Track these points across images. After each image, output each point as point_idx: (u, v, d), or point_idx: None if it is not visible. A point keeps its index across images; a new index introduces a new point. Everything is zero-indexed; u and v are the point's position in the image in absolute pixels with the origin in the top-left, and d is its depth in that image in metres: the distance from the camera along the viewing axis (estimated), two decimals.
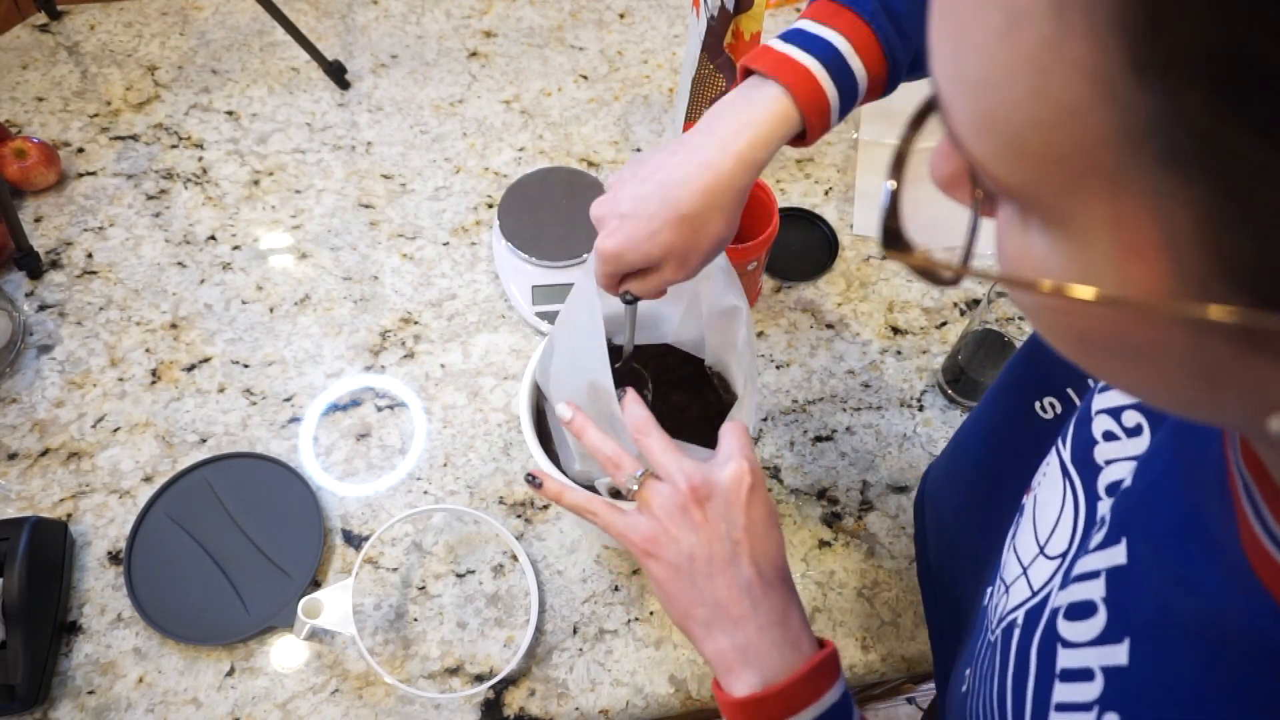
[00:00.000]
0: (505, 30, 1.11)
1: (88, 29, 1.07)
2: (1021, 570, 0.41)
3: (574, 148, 1.00)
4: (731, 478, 0.45)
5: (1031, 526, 0.42)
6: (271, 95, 1.03)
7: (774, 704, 0.41)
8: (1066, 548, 0.38)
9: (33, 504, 0.74)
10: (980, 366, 0.80)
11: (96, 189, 0.93)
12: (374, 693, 0.67)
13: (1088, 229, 0.19)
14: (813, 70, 0.48)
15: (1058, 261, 0.21)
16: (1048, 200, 0.20)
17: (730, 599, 0.43)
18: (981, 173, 0.21)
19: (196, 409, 0.80)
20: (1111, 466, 0.38)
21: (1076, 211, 0.19)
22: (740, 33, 0.82)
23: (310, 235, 0.92)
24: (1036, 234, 0.21)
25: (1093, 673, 0.32)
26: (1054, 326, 0.23)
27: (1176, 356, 0.21)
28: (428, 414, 0.81)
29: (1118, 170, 0.18)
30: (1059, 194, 0.19)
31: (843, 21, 0.48)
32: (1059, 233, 0.20)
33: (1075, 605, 0.34)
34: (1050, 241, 0.21)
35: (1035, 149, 0.19)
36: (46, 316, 0.84)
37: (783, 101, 0.48)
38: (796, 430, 0.82)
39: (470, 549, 0.74)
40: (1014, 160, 0.20)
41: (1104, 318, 0.21)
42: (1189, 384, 0.22)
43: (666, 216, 0.48)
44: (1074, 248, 0.20)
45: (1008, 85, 0.18)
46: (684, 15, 1.15)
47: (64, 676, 0.66)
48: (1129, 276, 0.19)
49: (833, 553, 0.75)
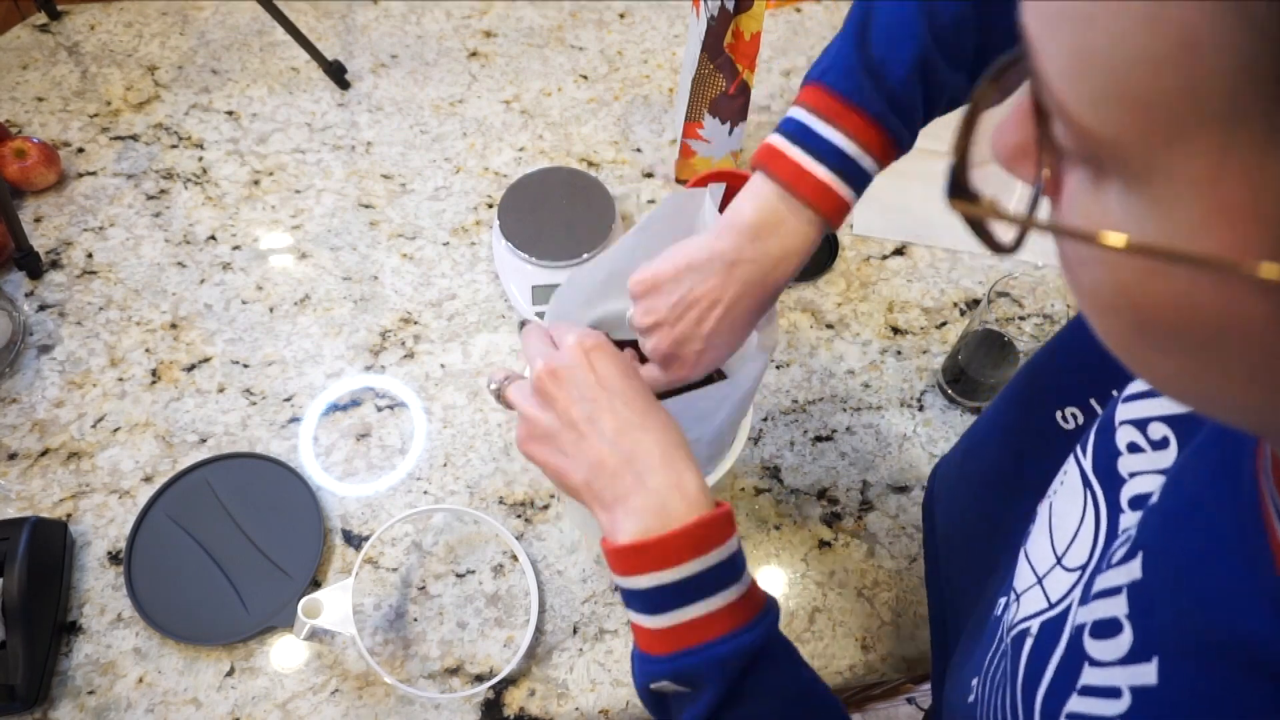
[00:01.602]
0: (505, 30, 1.11)
1: (88, 29, 1.07)
2: (1036, 580, 0.40)
3: (574, 148, 1.00)
4: (569, 349, 0.46)
5: (1048, 536, 0.41)
6: (271, 95, 1.03)
7: (654, 552, 0.41)
8: (1086, 560, 0.37)
9: (33, 504, 0.74)
10: (980, 366, 0.80)
11: (96, 189, 0.93)
12: (374, 693, 0.67)
13: (1177, 188, 0.18)
14: (831, 185, 0.49)
15: (1137, 225, 0.19)
16: (1138, 153, 0.19)
17: (598, 454, 0.43)
18: (1068, 124, 0.20)
19: (196, 409, 0.80)
20: (1136, 479, 0.37)
21: (1169, 166, 0.18)
22: (740, 33, 0.82)
23: (310, 235, 0.92)
24: (1114, 197, 0.20)
25: (1120, 691, 0.31)
26: (1114, 305, 0.22)
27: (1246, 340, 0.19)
28: (428, 414, 0.81)
29: (1231, 116, 0.16)
30: (1154, 145, 0.18)
31: (850, 122, 0.49)
32: (1141, 194, 0.19)
33: (1100, 623, 0.33)
34: (1128, 204, 0.20)
35: (1139, 90, 0.18)
36: (46, 316, 0.84)
37: (813, 222, 0.50)
38: (796, 430, 0.82)
39: (470, 549, 0.74)
40: (1111, 105, 0.18)
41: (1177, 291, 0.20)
42: (1250, 377, 0.21)
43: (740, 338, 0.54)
44: (1157, 211, 0.19)
45: (1119, 14, 0.17)
46: (684, 15, 1.15)
47: (64, 676, 0.66)
48: (1216, 241, 0.18)
49: (833, 553, 0.75)
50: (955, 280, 0.93)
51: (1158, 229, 0.19)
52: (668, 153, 1.00)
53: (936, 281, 0.93)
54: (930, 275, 0.93)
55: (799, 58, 1.12)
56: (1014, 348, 0.77)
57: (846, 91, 0.49)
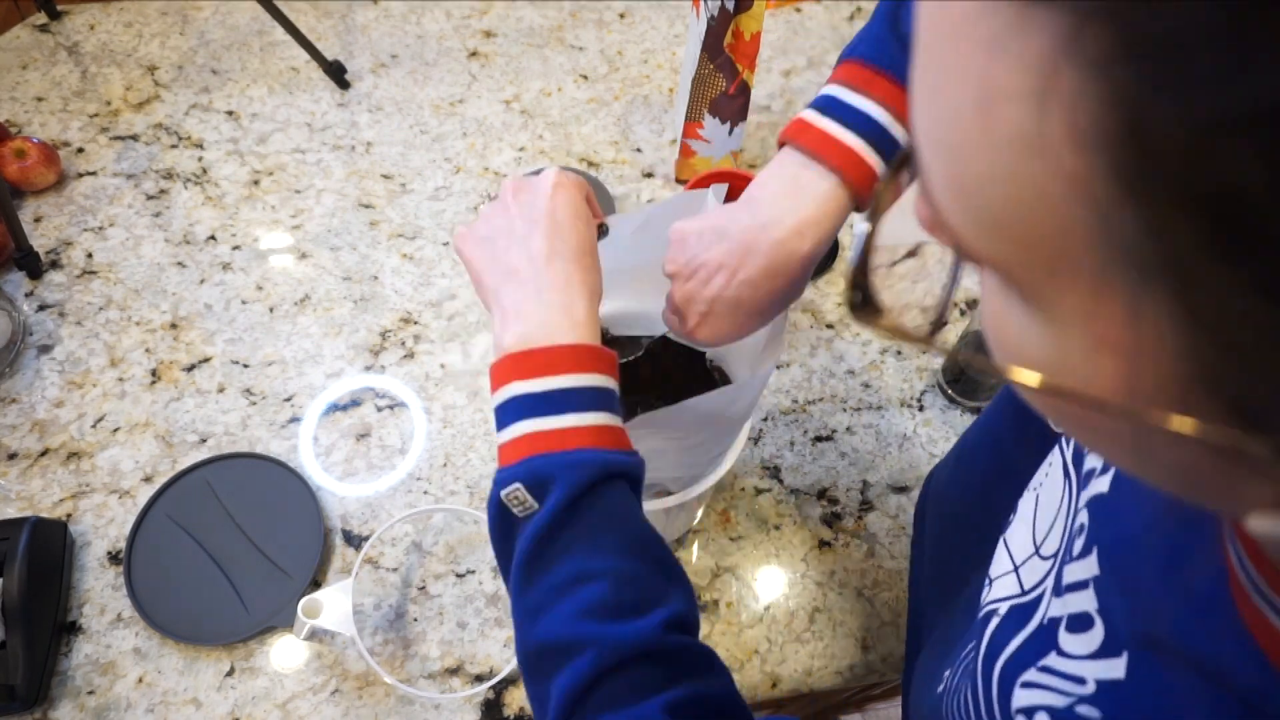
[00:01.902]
0: (505, 30, 1.11)
1: (88, 29, 1.07)
2: (1012, 567, 0.41)
3: (574, 148, 1.00)
4: (543, 177, 0.48)
5: (1030, 526, 0.42)
6: (271, 95, 1.02)
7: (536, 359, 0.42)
8: (1058, 548, 0.38)
9: (33, 504, 0.74)
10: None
11: (96, 189, 0.93)
12: (374, 693, 0.67)
13: (1062, 315, 0.18)
14: (858, 150, 0.48)
15: (1034, 337, 0.20)
16: (1025, 280, 0.19)
17: (519, 264, 0.45)
18: (957, 240, 0.20)
19: (196, 409, 0.80)
20: (1089, 456, 0.38)
21: (1051, 296, 0.18)
22: (740, 33, 0.82)
23: (310, 235, 0.92)
24: (1016, 306, 0.20)
25: (1085, 680, 0.31)
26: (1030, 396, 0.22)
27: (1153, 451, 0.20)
28: (428, 414, 0.81)
29: (1093, 270, 0.17)
30: (1034, 275, 0.18)
31: (878, 88, 0.48)
32: (1036, 311, 0.19)
33: (1075, 617, 0.33)
34: (1028, 317, 0.20)
35: (1010, 227, 0.18)
36: (46, 316, 0.84)
37: (838, 192, 0.48)
38: (796, 430, 0.82)
39: (470, 549, 0.74)
40: (989, 233, 0.18)
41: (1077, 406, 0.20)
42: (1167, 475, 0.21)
43: (748, 312, 0.51)
44: (1050, 330, 0.19)
45: (984, 158, 0.17)
46: (684, 15, 1.15)
47: (64, 676, 0.66)
48: (1102, 370, 0.18)
49: (833, 553, 0.75)
50: None
51: (1054, 346, 0.19)
52: (668, 153, 1.00)
53: None
54: None
55: (799, 58, 1.12)
56: None
57: (877, 59, 0.48)
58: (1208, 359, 0.16)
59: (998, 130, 0.16)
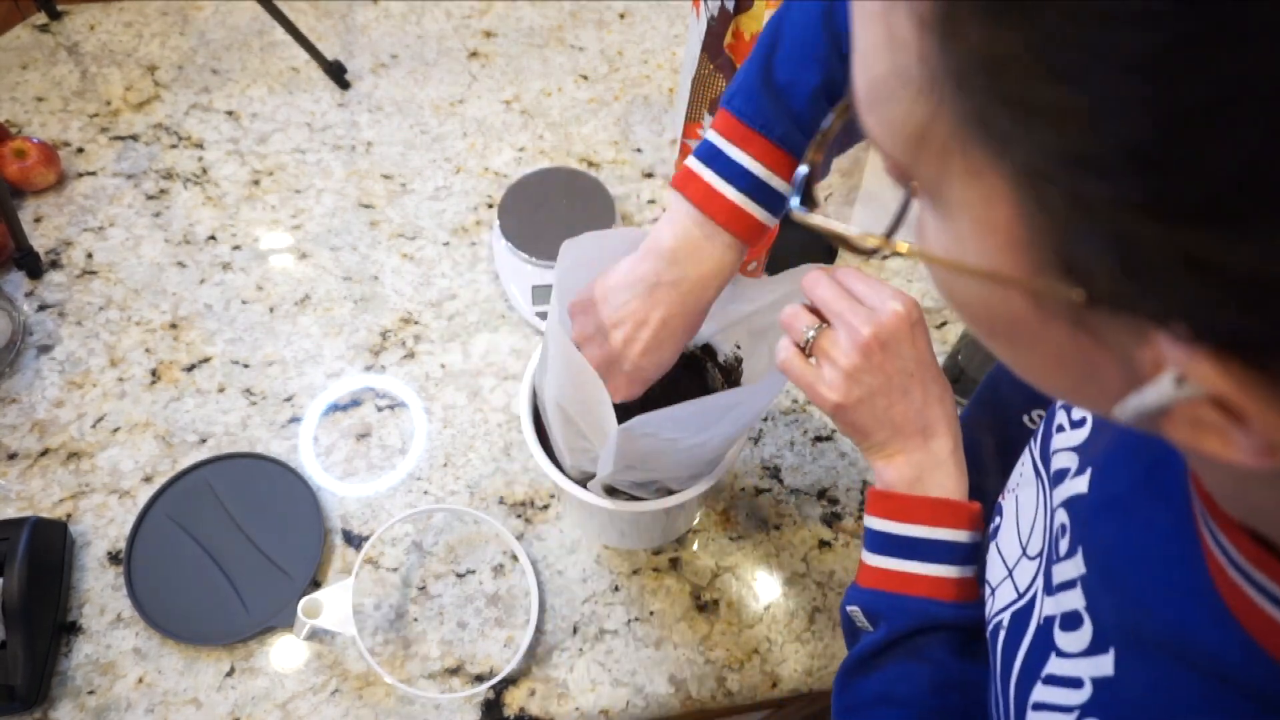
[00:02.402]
0: (505, 30, 1.11)
1: (88, 29, 1.07)
2: (1007, 572, 0.42)
3: (574, 148, 1.00)
4: (896, 318, 0.48)
5: (1014, 526, 0.43)
6: (271, 95, 1.02)
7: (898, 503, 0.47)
8: (1042, 546, 0.39)
9: (33, 504, 0.74)
10: (980, 367, 0.80)
11: (96, 189, 0.93)
12: (374, 693, 0.67)
13: (951, 207, 0.21)
14: (740, 205, 0.51)
15: (937, 238, 0.23)
16: (920, 175, 0.22)
17: (908, 419, 0.47)
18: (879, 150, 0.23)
19: (196, 409, 0.80)
20: (1057, 456, 0.40)
21: (941, 189, 0.21)
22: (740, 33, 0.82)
23: (310, 235, 0.92)
24: (927, 211, 0.23)
25: (1081, 681, 0.32)
26: (953, 304, 0.25)
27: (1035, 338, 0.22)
28: (428, 414, 0.81)
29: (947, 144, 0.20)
30: (923, 169, 0.21)
31: (754, 147, 0.51)
32: (936, 210, 0.22)
33: (1068, 615, 0.34)
34: (932, 217, 0.23)
35: (894, 121, 0.21)
36: (46, 316, 0.84)
37: (730, 245, 0.52)
38: (796, 430, 0.82)
39: (470, 549, 0.74)
40: (890, 135, 0.22)
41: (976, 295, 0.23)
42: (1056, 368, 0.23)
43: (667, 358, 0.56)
44: (944, 224, 0.22)
45: (878, 60, 0.21)
46: (684, 15, 1.15)
47: (64, 676, 0.66)
48: (982, 252, 0.21)
49: (833, 553, 0.75)
50: None
51: (947, 241, 0.22)
52: (668, 153, 1.00)
53: None
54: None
55: None
56: None
57: (749, 116, 0.51)
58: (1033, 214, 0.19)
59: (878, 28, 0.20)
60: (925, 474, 0.47)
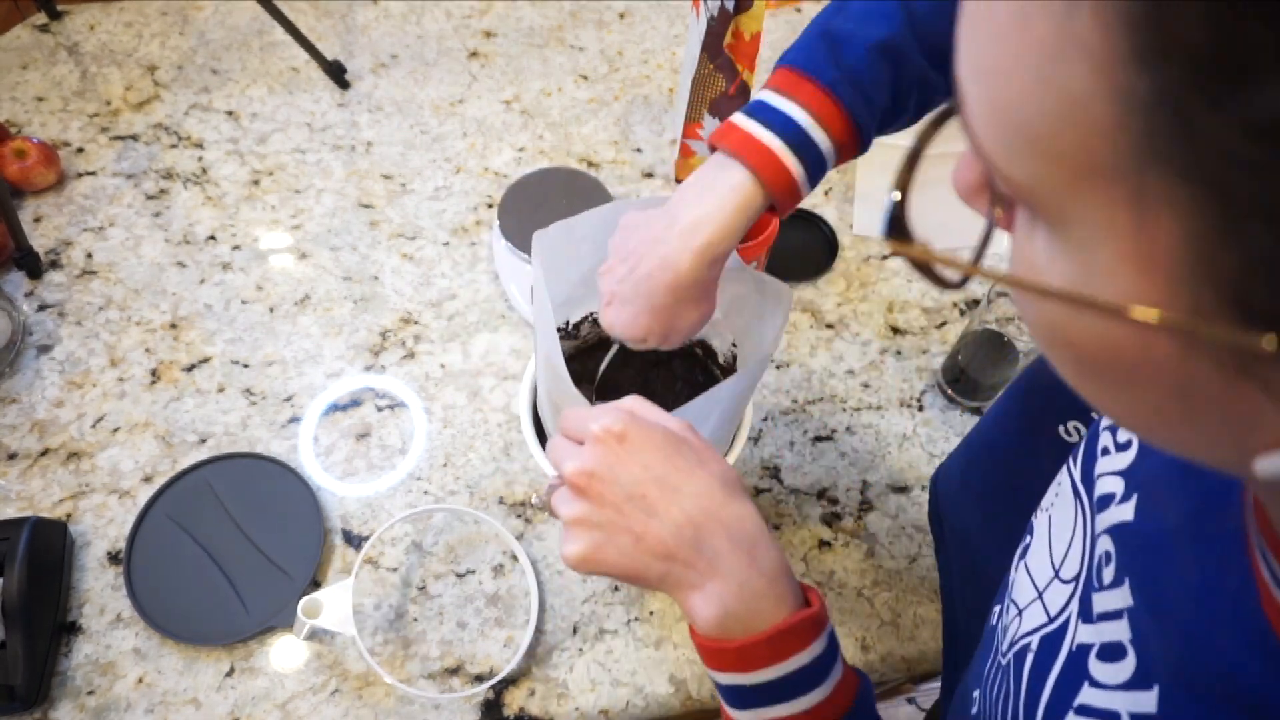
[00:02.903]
0: (505, 30, 1.11)
1: (88, 29, 1.07)
2: (1037, 594, 0.40)
3: (574, 148, 1.00)
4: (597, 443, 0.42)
5: (1046, 547, 0.41)
6: (271, 95, 1.03)
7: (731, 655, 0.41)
8: (1079, 571, 0.37)
9: (32, 504, 0.74)
10: (980, 367, 0.80)
11: (96, 189, 0.93)
12: (374, 693, 0.67)
13: (1087, 235, 0.19)
14: (775, 149, 0.48)
15: (1059, 268, 0.21)
16: (1052, 200, 0.20)
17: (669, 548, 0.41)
18: (994, 172, 0.21)
19: (196, 409, 0.80)
20: (1102, 480, 0.37)
21: (1078, 214, 0.19)
22: (740, 33, 0.82)
23: (310, 235, 0.92)
24: (1042, 238, 0.21)
25: (1119, 715, 0.30)
26: (1053, 340, 0.23)
27: (1166, 380, 0.20)
28: (428, 414, 0.81)
29: (1116, 169, 0.18)
30: (1062, 193, 0.19)
31: (803, 92, 0.48)
32: (1062, 237, 0.20)
33: (1108, 646, 0.33)
34: (1053, 246, 0.21)
35: (1041, 142, 0.19)
36: (46, 316, 0.84)
37: (747, 186, 0.48)
38: (796, 430, 0.82)
39: (470, 549, 0.74)
40: (1022, 154, 0.20)
41: (1097, 331, 0.21)
42: (1178, 413, 0.21)
43: (641, 306, 0.52)
44: (1073, 254, 0.20)
45: (1018, 73, 0.19)
46: (684, 15, 1.15)
47: (64, 676, 0.66)
48: (1122, 287, 0.19)
49: (833, 553, 0.75)
50: None
51: (1077, 273, 0.20)
52: (668, 153, 1.00)
53: None
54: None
55: None
56: (1014, 348, 0.77)
57: (800, 63, 0.49)
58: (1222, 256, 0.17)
59: (1032, 34, 0.18)
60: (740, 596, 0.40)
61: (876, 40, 0.47)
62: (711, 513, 0.41)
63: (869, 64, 0.48)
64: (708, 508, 0.41)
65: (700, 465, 0.42)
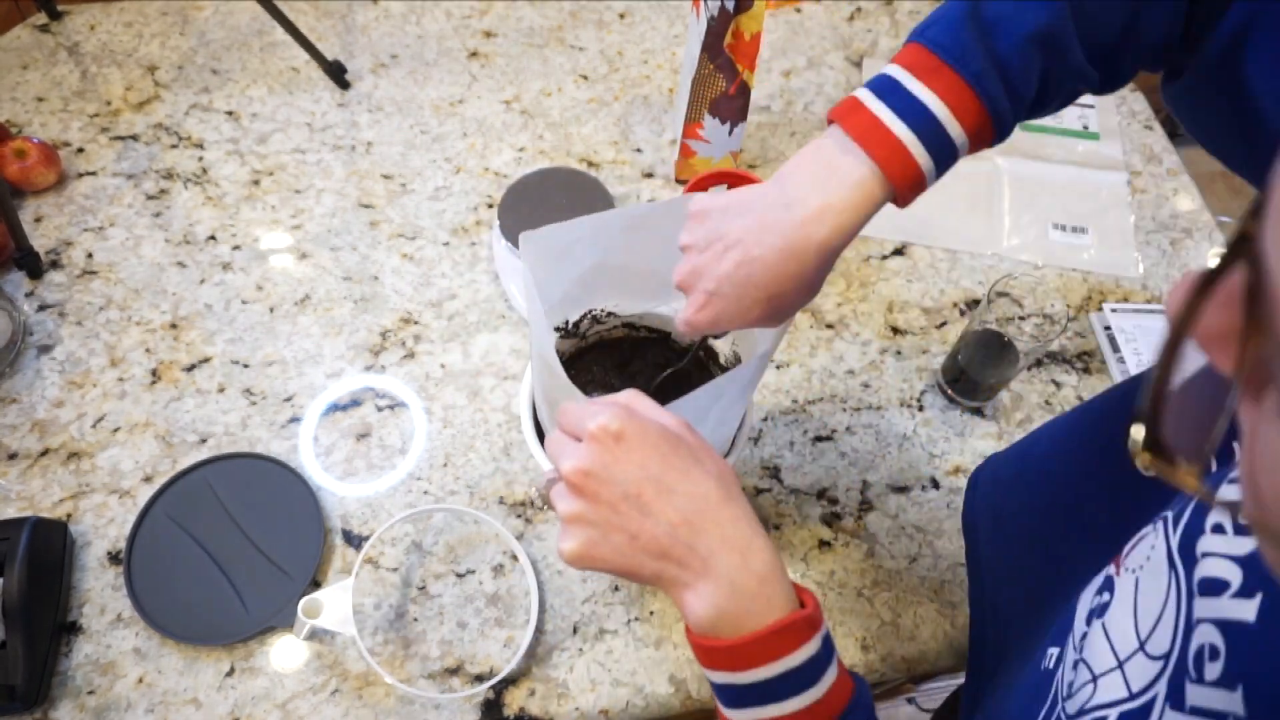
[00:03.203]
0: (505, 30, 1.11)
1: (88, 29, 1.07)
2: (1117, 663, 0.37)
3: (574, 148, 1.00)
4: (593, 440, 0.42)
5: (1131, 615, 0.37)
6: (271, 95, 1.03)
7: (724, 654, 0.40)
8: (1169, 649, 0.34)
9: (33, 504, 0.74)
10: (980, 367, 0.80)
11: (96, 189, 0.93)
12: (374, 693, 0.67)
13: None
14: (905, 141, 0.44)
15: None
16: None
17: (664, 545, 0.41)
18: None
19: (196, 409, 0.80)
20: (1208, 561, 0.34)
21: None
22: (740, 33, 0.82)
23: (310, 235, 0.92)
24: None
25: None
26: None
27: None
28: (428, 414, 0.81)
29: None
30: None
31: (941, 81, 0.44)
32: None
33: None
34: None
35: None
36: (46, 316, 0.84)
37: (870, 181, 0.45)
38: (796, 430, 0.82)
39: (470, 549, 0.74)
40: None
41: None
42: None
43: (755, 297, 0.48)
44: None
45: None
46: (684, 15, 1.15)
47: (64, 676, 0.66)
48: None
49: (833, 553, 0.75)
50: (955, 280, 0.93)
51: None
52: (668, 153, 1.00)
53: (936, 281, 0.93)
54: (930, 275, 0.93)
55: (799, 58, 1.12)
56: (1014, 348, 0.77)
57: (942, 47, 0.44)
58: None
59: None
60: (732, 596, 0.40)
61: (1034, 29, 0.42)
62: (706, 513, 0.41)
63: (1021, 54, 0.43)
64: (702, 508, 0.41)
65: (696, 464, 0.42)
